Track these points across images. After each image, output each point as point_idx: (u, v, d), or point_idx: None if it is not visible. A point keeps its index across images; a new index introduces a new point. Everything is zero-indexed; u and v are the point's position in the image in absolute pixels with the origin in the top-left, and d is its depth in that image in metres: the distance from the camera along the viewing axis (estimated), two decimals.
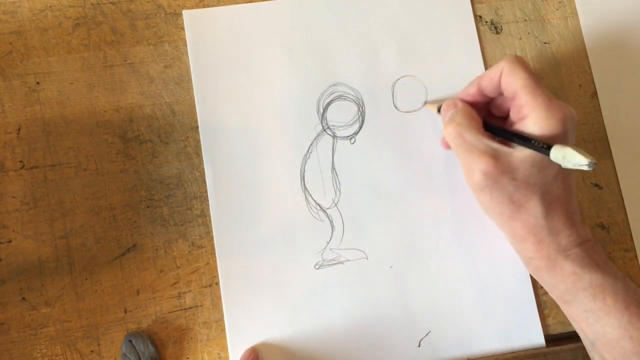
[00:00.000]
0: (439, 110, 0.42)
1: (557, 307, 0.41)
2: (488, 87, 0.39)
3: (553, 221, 0.37)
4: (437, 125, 0.44)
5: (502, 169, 0.36)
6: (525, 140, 0.36)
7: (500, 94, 0.40)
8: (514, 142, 0.37)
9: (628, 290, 0.36)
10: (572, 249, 0.37)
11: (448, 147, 0.42)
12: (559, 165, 0.35)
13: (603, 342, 0.36)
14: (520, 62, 0.38)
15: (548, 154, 0.35)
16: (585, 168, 0.33)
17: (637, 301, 0.35)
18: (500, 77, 0.38)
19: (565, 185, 0.37)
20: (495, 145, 0.37)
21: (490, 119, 0.42)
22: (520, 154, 0.36)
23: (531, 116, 0.36)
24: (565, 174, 0.37)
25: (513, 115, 0.39)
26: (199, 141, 0.43)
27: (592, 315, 0.36)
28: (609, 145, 0.46)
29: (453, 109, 0.40)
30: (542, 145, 0.35)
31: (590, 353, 0.37)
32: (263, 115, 0.44)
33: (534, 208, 0.36)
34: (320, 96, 0.44)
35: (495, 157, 0.36)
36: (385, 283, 0.42)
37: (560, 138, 0.36)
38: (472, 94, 0.41)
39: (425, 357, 0.41)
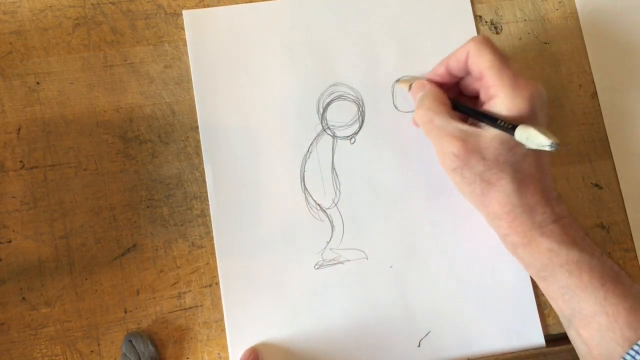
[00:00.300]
0: (410, 88, 0.43)
1: None
2: (456, 67, 0.40)
3: (526, 198, 0.37)
4: None
5: (471, 149, 0.36)
6: (492, 120, 0.37)
7: (469, 73, 0.40)
8: (482, 121, 0.38)
9: (604, 267, 0.36)
10: (548, 226, 0.37)
11: (418, 126, 0.42)
12: None
13: (579, 319, 0.36)
14: (487, 42, 0.38)
15: (513, 134, 0.35)
16: (547, 149, 0.34)
17: (613, 277, 0.35)
18: (467, 57, 0.38)
19: (537, 162, 0.38)
20: (464, 127, 0.37)
21: (461, 98, 0.42)
22: (489, 133, 0.37)
23: (498, 96, 0.37)
24: (536, 151, 0.37)
25: (482, 95, 0.39)
26: (199, 141, 0.43)
27: (568, 292, 0.36)
28: (609, 145, 0.46)
29: (422, 90, 0.41)
30: (508, 125, 0.36)
31: (567, 330, 0.38)
32: (263, 115, 0.44)
33: (505, 186, 0.37)
34: (320, 96, 0.44)
35: (464, 139, 0.37)
36: (385, 283, 0.42)
37: (528, 117, 0.36)
38: (440, 74, 0.41)
39: (425, 357, 0.41)
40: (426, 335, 0.42)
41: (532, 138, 0.34)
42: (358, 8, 0.46)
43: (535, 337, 0.42)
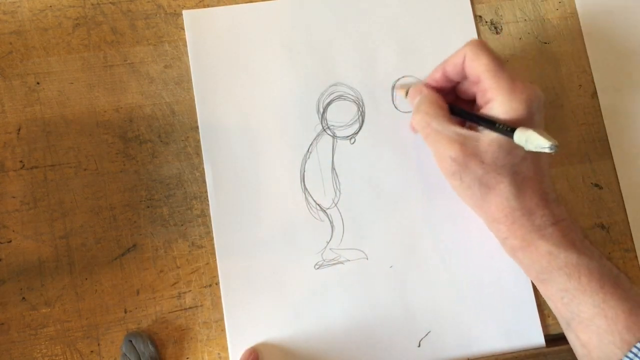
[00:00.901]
0: (407, 94, 0.43)
1: None
2: (452, 72, 0.40)
3: (525, 202, 0.37)
4: None
5: (469, 153, 0.36)
6: (490, 123, 0.37)
7: (466, 78, 0.40)
8: (480, 125, 0.37)
9: (603, 269, 0.36)
10: (547, 229, 0.37)
11: (416, 131, 0.42)
12: None
13: (577, 322, 0.36)
14: (483, 46, 0.38)
15: (512, 137, 0.35)
16: (547, 150, 0.34)
17: (612, 280, 0.35)
18: (464, 61, 0.38)
19: (536, 165, 0.38)
20: (462, 131, 0.37)
21: (459, 102, 0.42)
22: (487, 137, 0.37)
23: (495, 100, 0.37)
24: (534, 154, 0.37)
25: (479, 99, 0.39)
26: (199, 141, 0.43)
27: (567, 295, 0.36)
28: (609, 145, 0.46)
29: (419, 95, 0.41)
30: (506, 128, 0.36)
31: (566, 333, 0.38)
32: (263, 115, 0.44)
33: (504, 190, 0.37)
34: (320, 96, 0.44)
35: (462, 142, 0.37)
36: (385, 283, 0.42)
37: (526, 120, 0.36)
38: (437, 79, 0.41)
39: (425, 357, 0.41)
40: (426, 335, 0.42)
41: (532, 140, 0.34)
42: (358, 8, 0.46)
43: (535, 337, 0.42)
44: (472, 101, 0.41)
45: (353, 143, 0.44)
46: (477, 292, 0.42)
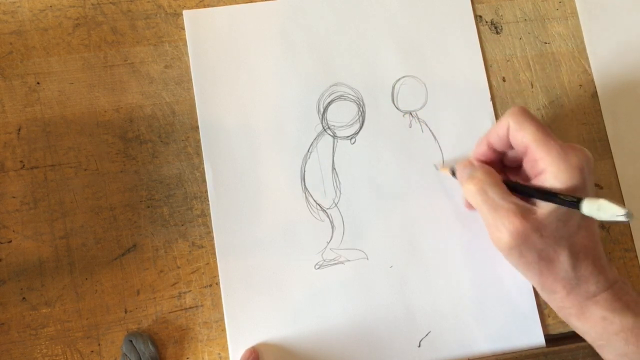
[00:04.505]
0: (452, 173, 0.41)
1: None
2: (497, 143, 0.38)
3: (581, 271, 0.36)
4: (438, 128, 0.44)
5: (530, 227, 0.35)
6: (551, 195, 0.35)
7: (511, 147, 0.39)
8: (538, 198, 0.36)
9: None
10: (601, 294, 0.36)
11: (472, 207, 0.41)
12: (582, 215, 0.34)
13: None
14: (526, 114, 0.37)
15: (578, 208, 0.34)
16: (623, 219, 0.32)
17: None
18: (508, 132, 0.37)
19: (589, 232, 0.37)
20: (521, 202, 0.36)
21: (504, 171, 0.41)
22: (545, 209, 0.35)
23: (549, 170, 0.35)
24: (588, 221, 0.36)
25: (528, 169, 0.38)
26: (199, 141, 0.43)
27: (626, 359, 0.35)
28: (609, 145, 0.46)
29: (470, 168, 0.39)
30: (572, 199, 0.34)
31: None
32: (263, 115, 0.44)
33: (563, 262, 0.36)
34: (321, 96, 0.44)
35: (523, 215, 0.35)
36: (385, 283, 0.42)
37: (581, 187, 0.35)
38: (482, 152, 0.40)
39: (425, 357, 0.41)
40: (426, 335, 0.42)
41: (605, 210, 0.33)
42: (358, 8, 0.46)
43: (535, 337, 0.42)
44: (518, 168, 0.40)
45: (353, 143, 0.44)
46: (477, 292, 0.42)
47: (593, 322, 0.36)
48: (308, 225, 0.42)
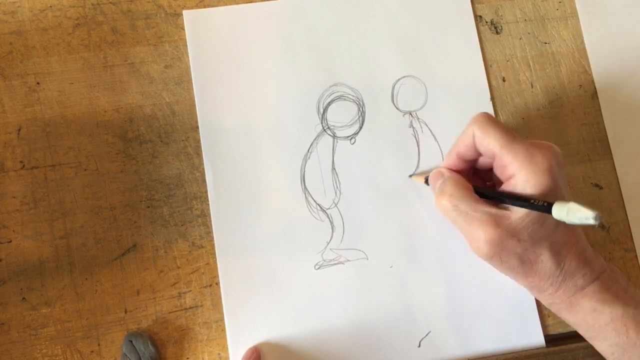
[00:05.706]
0: (426, 182, 0.41)
1: None
2: (466, 153, 0.39)
3: (565, 267, 0.36)
4: (438, 128, 0.44)
5: (506, 234, 0.35)
6: (523, 201, 0.35)
7: (480, 154, 0.39)
8: (510, 204, 0.36)
9: None
10: (588, 286, 0.36)
11: (443, 213, 0.41)
12: None
13: None
14: (489, 120, 0.37)
15: (550, 212, 0.34)
16: (592, 222, 0.32)
17: None
18: (474, 140, 0.37)
19: (569, 228, 0.37)
20: (493, 210, 0.36)
21: (478, 175, 0.41)
22: (518, 214, 0.35)
23: (518, 175, 0.35)
24: None
25: (499, 174, 0.38)
26: (199, 141, 0.43)
27: (618, 349, 0.36)
28: (609, 145, 0.46)
29: (440, 178, 0.39)
30: (542, 203, 0.34)
31: None
32: (263, 115, 0.44)
33: (546, 262, 0.36)
34: (321, 96, 0.44)
35: (497, 223, 0.35)
36: (385, 283, 0.42)
37: (553, 188, 0.35)
38: (452, 163, 0.40)
39: (425, 357, 0.41)
40: (426, 335, 0.42)
41: (574, 212, 0.33)
42: (358, 8, 0.46)
43: (535, 337, 0.42)
44: (489, 170, 0.40)
45: (353, 143, 0.44)
46: (477, 292, 0.42)
47: (583, 315, 0.36)
48: (308, 225, 0.42)
